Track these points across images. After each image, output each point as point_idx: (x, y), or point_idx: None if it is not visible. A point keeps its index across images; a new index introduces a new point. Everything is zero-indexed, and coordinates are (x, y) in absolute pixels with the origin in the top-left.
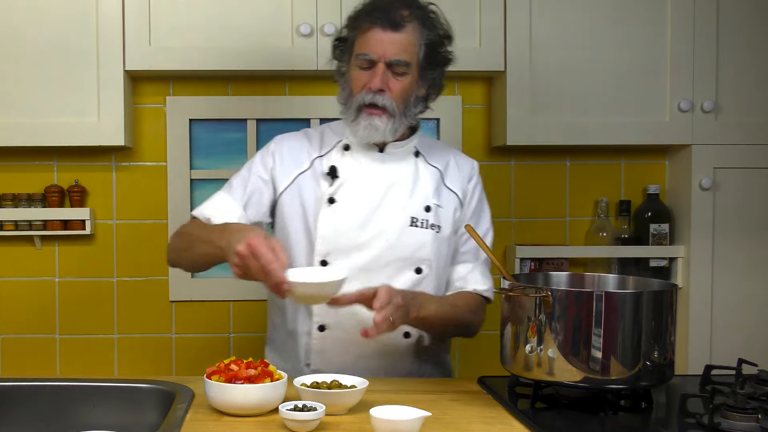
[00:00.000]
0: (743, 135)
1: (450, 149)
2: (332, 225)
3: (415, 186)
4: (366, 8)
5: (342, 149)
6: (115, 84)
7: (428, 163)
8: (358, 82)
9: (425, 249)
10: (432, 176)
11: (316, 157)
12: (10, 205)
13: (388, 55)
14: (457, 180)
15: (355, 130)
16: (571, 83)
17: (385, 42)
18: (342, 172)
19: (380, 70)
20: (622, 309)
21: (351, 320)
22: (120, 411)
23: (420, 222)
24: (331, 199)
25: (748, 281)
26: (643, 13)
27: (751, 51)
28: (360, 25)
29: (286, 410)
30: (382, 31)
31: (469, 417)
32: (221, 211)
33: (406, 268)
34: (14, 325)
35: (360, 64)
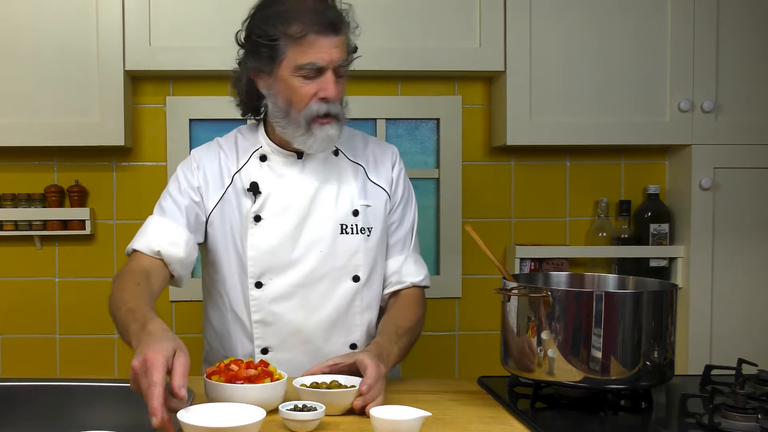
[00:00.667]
0: (743, 135)
1: (367, 138)
2: (262, 244)
3: (339, 189)
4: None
5: (258, 160)
6: (115, 84)
7: (349, 159)
8: (304, 93)
9: (358, 255)
10: (355, 174)
11: (235, 173)
12: (10, 205)
13: (335, 60)
14: (381, 172)
15: (309, 144)
16: (571, 83)
17: (329, 47)
18: (264, 186)
19: (332, 77)
20: (622, 309)
21: (294, 339)
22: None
23: (350, 228)
24: (256, 216)
25: (748, 281)
26: (643, 14)
27: (751, 51)
28: (297, 33)
29: (286, 410)
30: (325, 37)
31: (469, 417)
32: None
33: (343, 277)
34: (14, 325)
35: (305, 74)
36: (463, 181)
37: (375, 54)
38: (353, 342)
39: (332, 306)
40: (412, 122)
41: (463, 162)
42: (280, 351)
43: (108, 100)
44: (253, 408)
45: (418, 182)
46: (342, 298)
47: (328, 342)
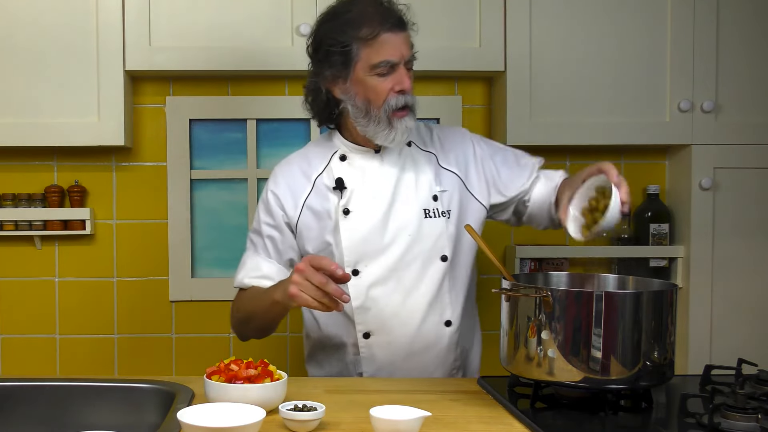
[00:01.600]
0: (743, 135)
1: (431, 127)
2: (354, 234)
3: (417, 177)
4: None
5: (339, 160)
6: (115, 84)
7: (421, 149)
8: (381, 90)
9: (443, 237)
10: (429, 162)
11: (316, 177)
12: (10, 205)
13: (405, 55)
14: (452, 157)
15: (391, 137)
16: (571, 83)
17: (399, 43)
18: (348, 182)
19: (403, 71)
20: (622, 309)
21: (394, 321)
22: (120, 411)
23: (432, 212)
24: (345, 210)
25: (748, 281)
26: (643, 14)
27: (751, 51)
28: (369, 34)
29: (286, 410)
30: (394, 34)
31: (469, 417)
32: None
33: (432, 258)
34: (14, 325)
35: (380, 71)
36: None
37: None
38: (448, 319)
39: (425, 286)
40: None
41: None
42: (380, 334)
43: (108, 100)
44: (253, 408)
45: None
46: (433, 278)
47: (425, 322)
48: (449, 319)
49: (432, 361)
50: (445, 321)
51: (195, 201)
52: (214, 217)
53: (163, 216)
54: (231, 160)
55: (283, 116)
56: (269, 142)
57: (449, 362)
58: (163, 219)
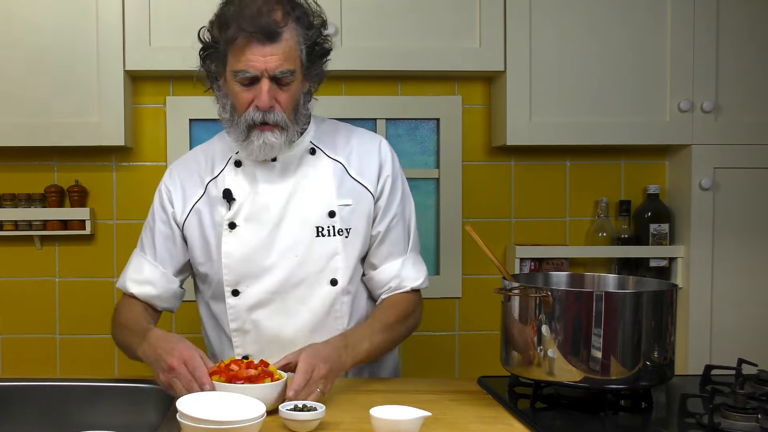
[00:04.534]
0: (743, 135)
1: (351, 132)
2: (235, 252)
3: (315, 190)
4: (233, 16)
5: (233, 166)
6: (115, 84)
7: (328, 156)
8: (242, 100)
9: (336, 258)
10: (333, 172)
11: (209, 181)
12: (10, 205)
13: (270, 69)
14: (365, 168)
15: (249, 150)
16: (571, 83)
17: (265, 56)
18: (237, 193)
19: (266, 86)
20: (622, 309)
21: (273, 345)
22: (120, 411)
23: (326, 230)
24: (231, 224)
25: (748, 281)
26: (643, 14)
27: (751, 51)
28: (231, 38)
29: (286, 410)
30: (259, 44)
31: (469, 417)
32: (140, 277)
33: (320, 282)
34: (14, 325)
35: (240, 80)
36: (463, 181)
37: (375, 54)
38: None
39: (311, 312)
40: (412, 122)
41: (463, 162)
42: (259, 358)
43: (108, 100)
44: (253, 401)
45: (418, 182)
46: (320, 303)
47: None
48: None
49: None
50: None
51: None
52: None
53: None
54: None
55: None
56: None
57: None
58: None
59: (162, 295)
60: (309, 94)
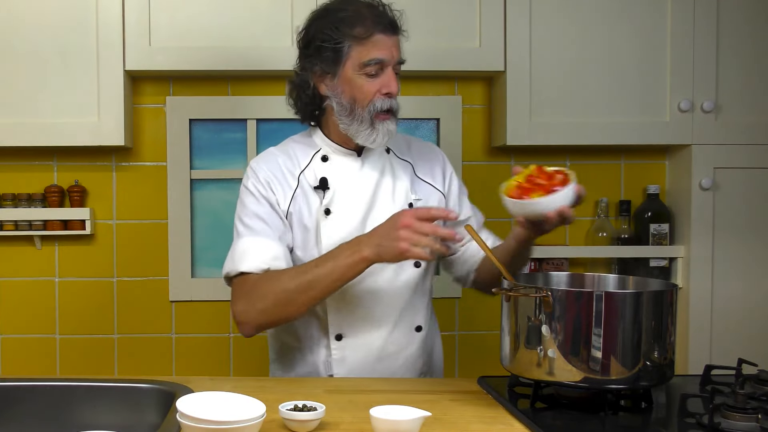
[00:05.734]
0: (743, 135)
1: (408, 138)
2: (333, 235)
3: (395, 184)
4: (361, 16)
5: (320, 160)
6: (115, 84)
7: (399, 157)
8: (367, 90)
9: None
10: (405, 171)
11: (299, 174)
12: (10, 205)
13: (395, 57)
14: (428, 170)
15: (372, 138)
16: (571, 83)
17: (391, 45)
18: (331, 182)
19: (392, 73)
20: (622, 309)
21: (366, 324)
22: (120, 411)
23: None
24: (327, 210)
25: (748, 281)
26: (643, 13)
27: (751, 51)
28: (362, 33)
29: (286, 410)
30: (386, 35)
31: (469, 417)
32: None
33: (406, 264)
34: (14, 325)
35: (368, 71)
36: (463, 181)
37: None
38: (418, 324)
39: (399, 291)
40: (412, 122)
41: (463, 162)
42: (353, 337)
43: (108, 100)
44: (253, 401)
45: None
46: (407, 283)
47: (397, 327)
48: (420, 325)
49: (402, 366)
50: (416, 326)
51: (195, 201)
52: (214, 217)
53: (163, 216)
54: (231, 160)
55: (283, 116)
56: (269, 142)
57: (418, 367)
58: (163, 219)
59: None
60: None
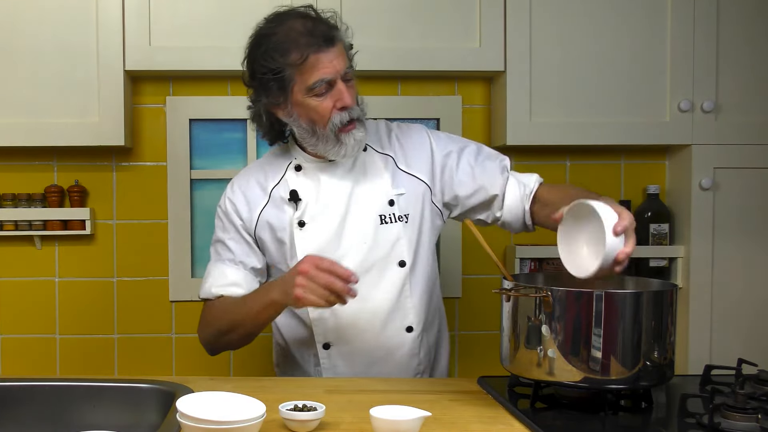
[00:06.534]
0: (743, 135)
1: (390, 127)
2: (309, 246)
3: (373, 183)
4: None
5: (294, 171)
6: (115, 84)
7: (378, 152)
8: (323, 109)
9: (401, 242)
10: (386, 166)
11: (272, 188)
12: (10, 205)
13: (339, 70)
14: (412, 159)
15: (341, 153)
16: (571, 83)
17: (332, 59)
18: (303, 193)
19: (342, 86)
20: (622, 309)
21: (352, 330)
22: (120, 411)
23: (388, 217)
24: (300, 222)
25: (748, 281)
26: (643, 14)
27: (751, 51)
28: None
29: (286, 410)
30: (324, 52)
31: (468, 417)
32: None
33: (390, 265)
34: (14, 325)
35: (318, 92)
36: None
37: (375, 54)
38: (409, 325)
39: (383, 293)
40: (412, 122)
41: None
42: (340, 344)
43: (108, 100)
44: (253, 401)
45: None
46: (392, 285)
47: (386, 329)
48: (410, 325)
49: (395, 368)
50: (407, 327)
51: (195, 201)
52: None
53: (163, 216)
54: (231, 160)
55: None
56: None
57: (412, 367)
58: (163, 219)
59: None
60: None
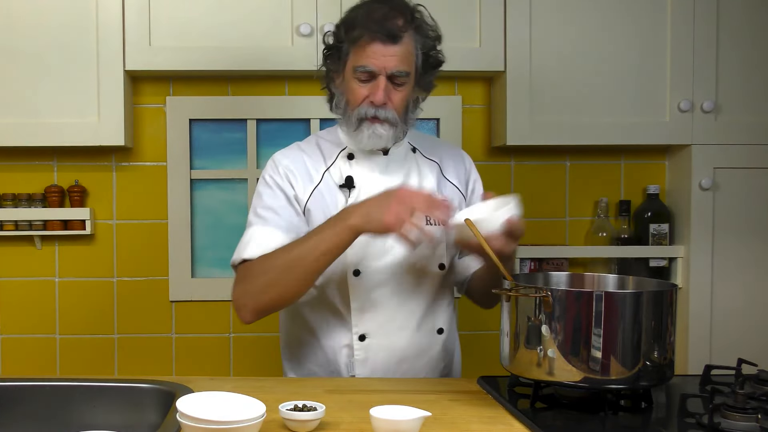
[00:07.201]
0: (743, 135)
1: (437, 140)
2: None
3: (421, 183)
4: (360, 19)
5: (347, 158)
6: (115, 84)
7: (425, 157)
8: (357, 95)
9: (442, 245)
10: (431, 170)
11: (324, 171)
12: (10, 205)
13: (388, 68)
14: (454, 172)
15: (358, 140)
16: (571, 83)
17: (385, 55)
18: (357, 181)
19: (382, 83)
20: (622, 309)
21: (390, 325)
22: (120, 411)
23: (432, 219)
24: None
25: (748, 281)
26: (643, 13)
27: (751, 51)
28: (356, 37)
29: (286, 410)
30: (381, 44)
31: (469, 417)
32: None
33: (431, 265)
34: (14, 325)
35: (359, 76)
36: None
37: None
38: (440, 327)
39: (423, 293)
40: None
41: None
42: (376, 337)
43: (108, 100)
44: (253, 401)
45: None
46: (430, 285)
47: (420, 328)
48: (442, 327)
49: (423, 368)
50: (438, 329)
51: (195, 201)
52: (214, 217)
53: (163, 216)
54: (231, 160)
55: (283, 116)
56: (269, 142)
57: (439, 369)
58: (163, 219)
59: None
60: (417, 102)
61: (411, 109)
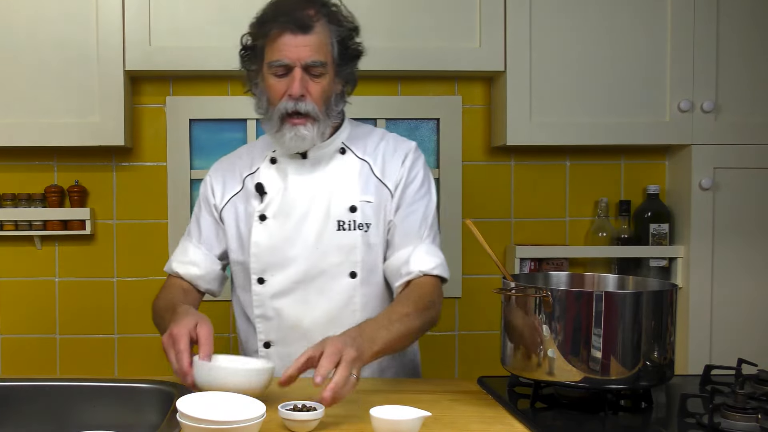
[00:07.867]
0: (743, 135)
1: (386, 136)
2: (263, 242)
3: (340, 186)
4: (269, 14)
5: (269, 163)
6: (115, 84)
7: (356, 156)
8: (275, 91)
9: (355, 251)
10: (360, 171)
11: (246, 176)
12: (10, 205)
13: (302, 58)
14: (388, 170)
15: (281, 142)
16: (571, 83)
17: (297, 45)
18: (269, 187)
19: (298, 74)
20: (622, 309)
21: (293, 333)
22: (120, 411)
23: (347, 224)
24: (261, 216)
25: (748, 281)
26: (643, 14)
27: (751, 51)
28: (267, 32)
29: (286, 410)
30: (292, 35)
31: (468, 417)
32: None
33: (341, 274)
34: (14, 325)
35: (275, 71)
36: (463, 181)
37: (375, 54)
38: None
39: (329, 302)
40: (412, 122)
41: (463, 162)
42: (281, 345)
43: (108, 100)
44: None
45: None
46: (339, 295)
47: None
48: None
49: None
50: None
51: (195, 201)
52: None
53: (163, 216)
54: None
55: None
56: None
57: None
58: (163, 219)
59: (205, 276)
60: (342, 95)
61: (334, 102)
